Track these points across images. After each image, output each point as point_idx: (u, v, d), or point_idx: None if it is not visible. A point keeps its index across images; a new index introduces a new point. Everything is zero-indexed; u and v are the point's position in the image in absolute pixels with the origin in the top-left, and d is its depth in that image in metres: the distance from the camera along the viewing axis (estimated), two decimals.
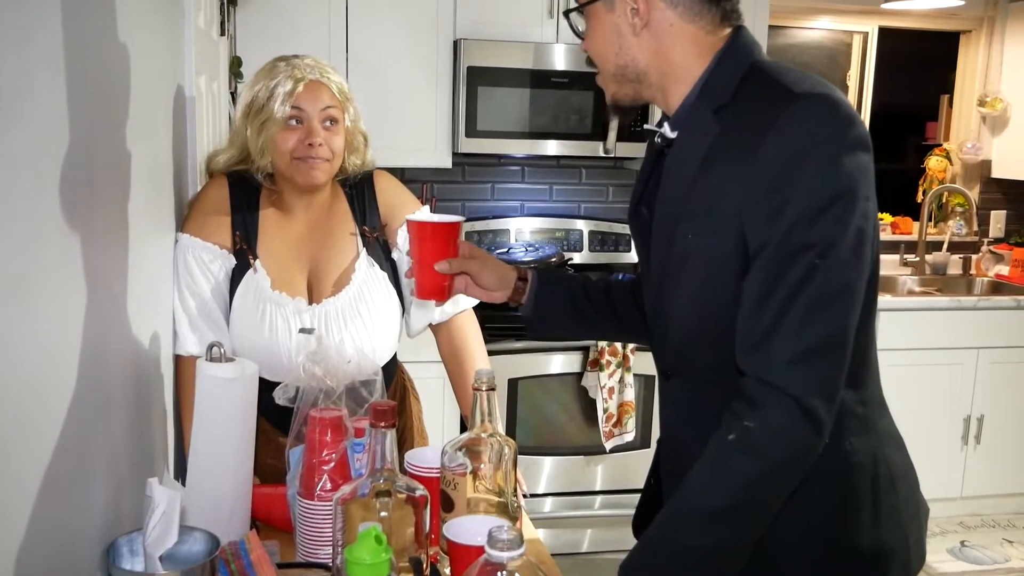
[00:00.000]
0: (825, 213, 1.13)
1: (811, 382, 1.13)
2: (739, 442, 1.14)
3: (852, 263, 1.15)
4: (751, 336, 1.16)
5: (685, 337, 1.32)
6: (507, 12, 3.58)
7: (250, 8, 3.31)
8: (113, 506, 1.22)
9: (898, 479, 1.31)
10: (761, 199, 1.16)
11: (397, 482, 1.23)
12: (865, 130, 1.19)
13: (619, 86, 1.34)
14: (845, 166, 1.15)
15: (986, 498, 4.11)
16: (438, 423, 3.18)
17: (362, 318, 1.78)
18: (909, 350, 3.89)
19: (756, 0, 3.79)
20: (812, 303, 1.13)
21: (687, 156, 1.27)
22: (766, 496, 1.17)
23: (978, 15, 4.49)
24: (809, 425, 1.13)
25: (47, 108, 0.95)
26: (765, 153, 1.15)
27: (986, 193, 4.68)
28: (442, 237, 1.42)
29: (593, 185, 4.21)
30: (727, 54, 1.27)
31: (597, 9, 1.30)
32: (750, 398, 1.15)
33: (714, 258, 1.23)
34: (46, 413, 0.96)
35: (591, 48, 1.35)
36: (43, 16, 0.93)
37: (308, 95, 1.71)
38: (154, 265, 1.57)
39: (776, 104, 1.17)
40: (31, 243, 0.89)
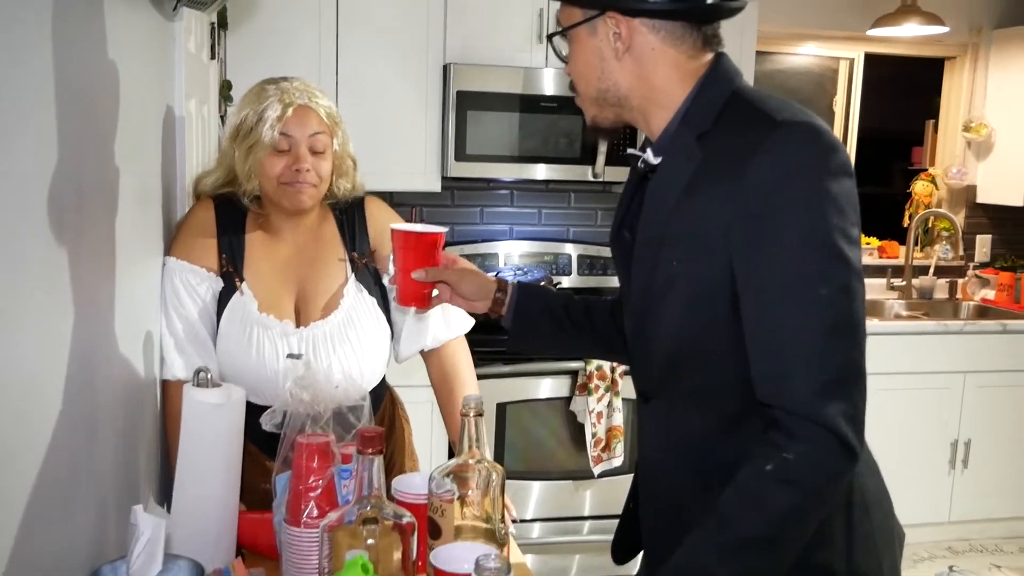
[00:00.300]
0: (822, 241, 1.14)
1: (841, 411, 1.13)
2: (777, 472, 1.13)
3: (855, 290, 1.15)
4: (771, 369, 1.16)
5: (668, 360, 1.32)
6: (497, 37, 3.60)
7: (241, 32, 3.32)
8: (97, 533, 1.21)
9: (872, 505, 1.31)
10: (748, 224, 1.16)
11: (384, 509, 1.23)
12: (847, 157, 1.20)
13: (600, 109, 1.35)
14: (832, 191, 1.15)
15: (974, 522, 4.11)
16: (426, 448, 3.17)
17: (351, 343, 1.77)
18: (896, 374, 3.90)
19: (743, 26, 3.82)
20: (827, 332, 1.13)
21: (670, 181, 1.27)
22: (800, 527, 1.17)
23: (962, 42, 4.54)
24: (844, 453, 1.13)
25: (35, 131, 0.95)
26: (750, 178, 1.16)
27: (971, 218, 4.72)
28: (423, 247, 1.48)
29: (582, 209, 4.23)
30: (709, 80, 1.28)
31: (580, 33, 1.31)
32: (786, 429, 1.14)
33: (699, 283, 1.23)
34: (31, 439, 0.95)
35: (574, 71, 1.35)
36: (33, 40, 0.94)
37: (296, 120, 1.71)
38: (142, 289, 1.56)
39: (759, 130, 1.18)
40: (17, 267, 0.89)
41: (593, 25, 1.29)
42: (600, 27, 1.28)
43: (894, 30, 4.08)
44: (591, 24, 1.29)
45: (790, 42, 4.49)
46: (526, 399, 3.51)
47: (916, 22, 4.01)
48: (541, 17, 3.60)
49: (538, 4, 3.60)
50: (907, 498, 3.95)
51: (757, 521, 1.14)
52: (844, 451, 1.13)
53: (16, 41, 0.88)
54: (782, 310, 1.15)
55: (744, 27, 3.83)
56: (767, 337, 1.16)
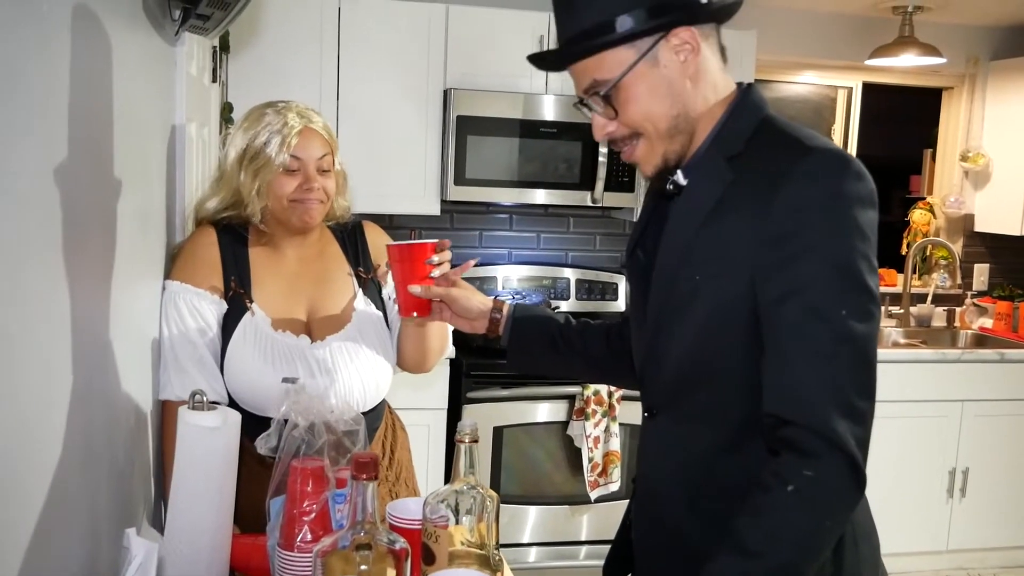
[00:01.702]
0: (847, 266, 1.16)
1: (853, 433, 1.14)
2: (800, 492, 1.14)
3: (873, 316, 1.18)
4: (790, 386, 1.16)
5: (679, 374, 1.33)
6: (497, 63, 3.63)
7: (243, 56, 3.35)
8: (90, 557, 1.21)
9: (861, 539, 1.31)
10: (775, 248, 1.18)
11: (378, 534, 1.22)
12: (873, 188, 1.21)
13: (670, 142, 1.30)
14: (859, 220, 1.17)
15: (972, 551, 4.09)
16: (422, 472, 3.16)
17: (364, 355, 1.82)
18: (894, 402, 3.90)
19: (742, 54, 3.85)
20: (847, 356, 1.15)
21: (698, 201, 1.28)
22: (820, 547, 1.17)
23: (960, 73, 4.57)
24: (856, 478, 1.15)
25: (36, 153, 0.96)
26: (780, 200, 1.18)
27: (969, 246, 4.73)
28: (415, 256, 1.60)
29: (581, 234, 4.24)
30: (741, 105, 1.30)
31: (639, 72, 1.25)
32: (800, 448, 1.14)
33: (721, 300, 1.24)
34: (26, 461, 0.95)
35: (637, 115, 1.28)
36: (35, 62, 0.94)
37: (305, 142, 1.76)
38: (140, 310, 1.57)
39: (790, 156, 1.20)
40: (15, 287, 0.90)
41: (654, 54, 1.25)
42: (662, 53, 1.25)
43: (892, 60, 4.11)
44: (651, 55, 1.25)
45: (789, 71, 4.52)
46: (523, 423, 3.51)
47: (914, 53, 4.04)
48: (541, 43, 3.63)
49: (539, 31, 3.63)
50: (905, 527, 3.97)
51: (784, 548, 1.14)
52: (855, 475, 1.14)
53: (18, 63, 0.89)
54: (805, 329, 1.16)
55: (743, 55, 3.86)
56: (788, 354, 1.17)
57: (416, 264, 1.60)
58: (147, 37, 1.62)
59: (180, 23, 1.78)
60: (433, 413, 3.48)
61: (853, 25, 4.35)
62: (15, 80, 0.88)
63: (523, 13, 3.63)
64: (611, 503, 3.54)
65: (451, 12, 3.62)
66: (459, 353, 3.48)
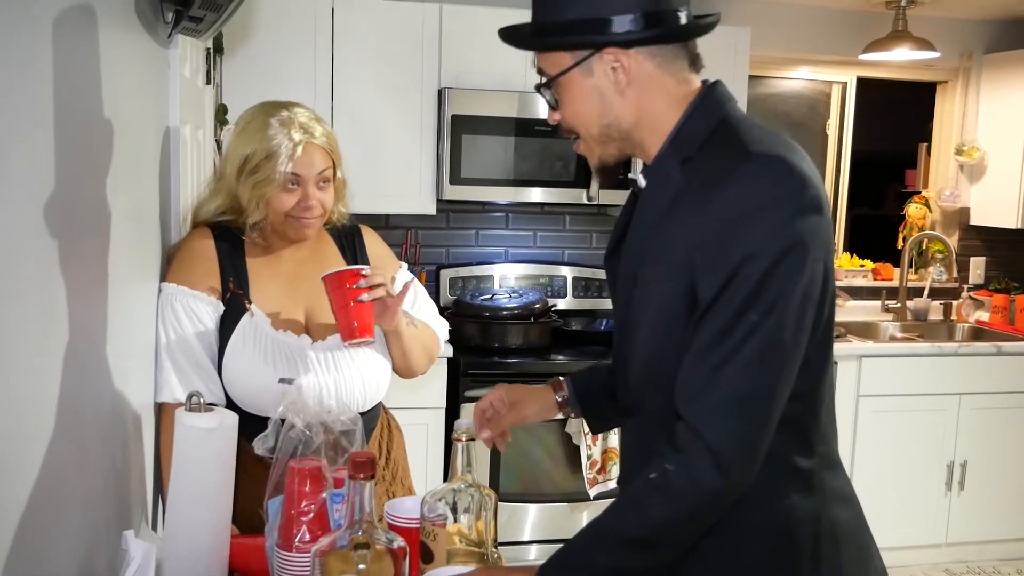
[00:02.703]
0: (771, 274, 1.15)
1: (729, 433, 1.17)
2: (658, 481, 1.20)
3: (791, 325, 1.17)
4: (689, 385, 1.20)
5: (639, 377, 1.34)
6: (491, 61, 3.62)
7: (236, 57, 3.34)
8: (88, 559, 1.21)
9: (843, 539, 1.30)
10: (709, 251, 1.18)
11: (376, 534, 1.23)
12: (819, 191, 1.21)
13: (604, 147, 1.34)
14: (794, 226, 1.16)
15: (971, 544, 4.10)
16: (421, 471, 3.16)
17: (365, 353, 1.83)
18: (891, 396, 3.91)
19: (736, 50, 3.86)
20: (747, 360, 1.16)
21: (652, 204, 1.30)
22: (675, 536, 1.22)
23: (953, 67, 4.58)
24: (719, 476, 1.17)
25: (29, 156, 0.96)
26: (716, 207, 1.18)
27: (965, 240, 4.74)
28: (342, 283, 1.69)
29: (577, 231, 4.24)
30: (699, 107, 1.29)
31: (572, 77, 1.29)
32: (675, 442, 1.19)
33: (665, 304, 1.25)
34: (21, 463, 0.95)
35: (571, 116, 1.34)
36: (27, 66, 0.95)
37: (306, 159, 1.75)
38: (135, 313, 1.57)
39: (731, 161, 1.20)
40: (9, 290, 0.90)
41: (588, 65, 1.28)
42: (596, 65, 1.28)
43: (886, 55, 4.11)
44: (585, 65, 1.28)
45: (783, 66, 4.52)
46: None
47: (907, 47, 4.05)
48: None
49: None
50: (903, 521, 3.98)
51: (635, 524, 1.21)
52: (719, 472, 1.16)
53: (10, 66, 0.89)
54: (713, 329, 1.17)
55: (737, 51, 3.86)
56: (697, 354, 1.19)
57: (347, 286, 1.68)
58: (140, 40, 1.62)
59: (173, 25, 1.78)
60: (431, 412, 3.49)
61: (847, 20, 4.35)
62: (7, 83, 0.88)
63: (517, 11, 3.62)
64: (610, 500, 3.53)
65: (444, 11, 3.62)
66: (457, 352, 3.49)
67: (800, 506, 1.26)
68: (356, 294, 1.68)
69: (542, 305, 3.78)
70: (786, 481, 1.26)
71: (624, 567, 1.22)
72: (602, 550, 1.23)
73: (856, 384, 3.87)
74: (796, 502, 1.26)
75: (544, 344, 3.71)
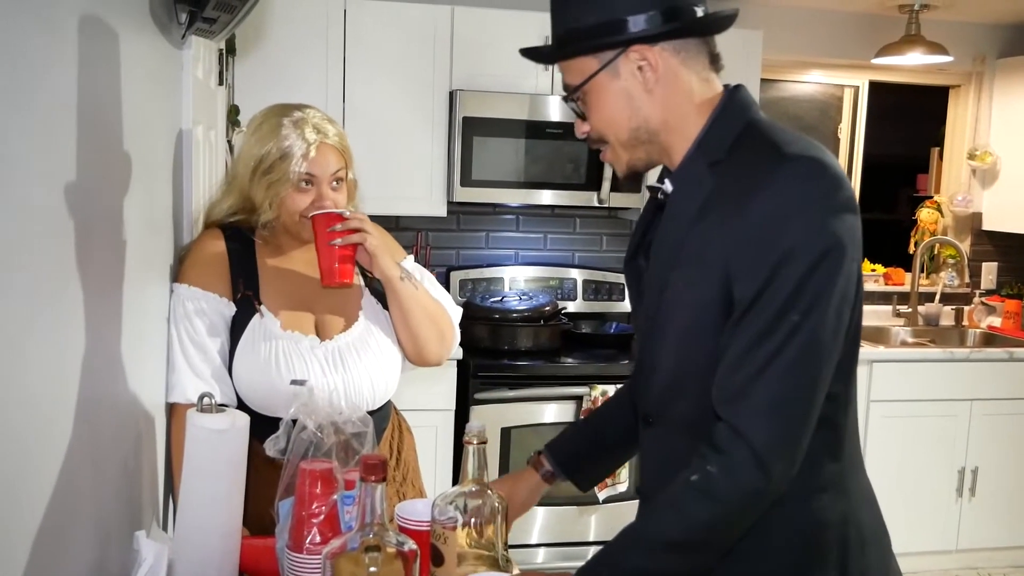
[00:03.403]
0: (811, 274, 1.15)
1: (772, 434, 1.17)
2: (700, 483, 1.19)
3: (831, 325, 1.18)
4: (730, 387, 1.20)
5: (667, 383, 1.34)
6: (502, 64, 3.62)
7: (249, 58, 3.35)
8: (100, 559, 1.21)
9: (869, 542, 1.31)
10: (747, 254, 1.18)
11: (387, 536, 1.23)
12: (852, 192, 1.21)
13: (633, 151, 1.34)
14: (831, 226, 1.17)
15: (982, 551, 4.08)
16: (430, 473, 3.16)
17: (372, 351, 1.83)
18: (902, 401, 3.89)
19: (748, 53, 3.85)
20: (790, 362, 1.16)
21: (683, 208, 1.29)
22: (716, 538, 1.22)
23: (966, 71, 4.56)
24: (762, 476, 1.17)
25: (44, 156, 0.96)
26: (753, 210, 1.18)
27: (977, 245, 4.72)
28: (320, 224, 1.74)
29: (587, 234, 4.24)
30: (725, 110, 1.30)
31: (599, 81, 1.29)
32: (717, 444, 1.19)
33: (699, 307, 1.25)
34: (36, 464, 0.96)
35: (600, 122, 1.33)
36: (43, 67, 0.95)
37: (320, 159, 1.76)
38: (148, 313, 1.57)
39: (766, 163, 1.20)
40: (25, 292, 0.90)
41: (614, 67, 1.28)
42: (622, 66, 1.28)
43: (898, 59, 4.10)
44: (611, 67, 1.28)
45: (795, 70, 4.51)
46: (531, 424, 3.50)
47: (920, 51, 4.03)
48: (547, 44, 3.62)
49: (544, 31, 3.61)
50: (914, 526, 3.96)
51: (677, 526, 1.21)
52: (762, 473, 1.17)
53: (27, 68, 0.90)
54: (753, 331, 1.17)
55: (749, 55, 3.85)
56: (737, 355, 1.19)
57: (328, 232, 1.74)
58: (153, 41, 1.62)
59: (186, 26, 1.78)
60: (441, 414, 3.49)
61: (859, 24, 4.34)
62: (23, 84, 0.89)
63: (529, 14, 3.63)
64: (619, 504, 3.54)
65: (456, 13, 3.62)
66: (466, 354, 3.49)
67: (829, 507, 1.27)
68: (334, 236, 1.73)
69: (552, 308, 3.77)
70: (816, 482, 1.26)
71: (657, 570, 1.22)
72: (639, 554, 1.23)
73: (867, 389, 3.85)
74: (825, 503, 1.27)
75: (554, 347, 3.71)
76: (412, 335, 1.87)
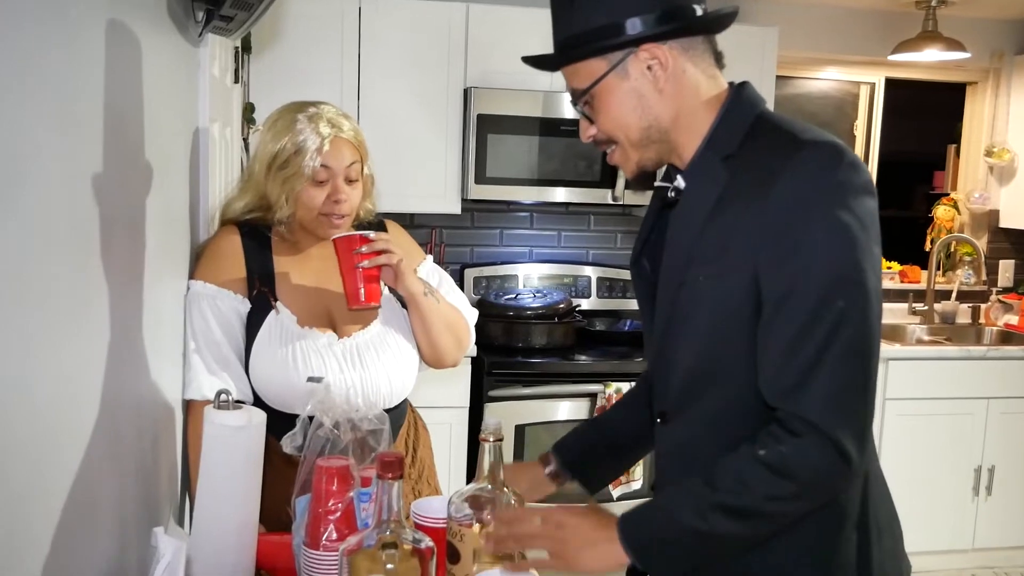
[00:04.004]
0: (845, 259, 1.17)
1: (846, 422, 1.17)
2: (770, 459, 1.18)
3: (875, 306, 1.19)
4: (786, 378, 1.19)
5: (689, 379, 1.33)
6: (516, 61, 3.59)
7: (264, 56, 3.36)
8: (118, 555, 1.22)
9: (884, 532, 1.33)
10: (775, 242, 1.19)
11: (404, 533, 1.23)
12: (870, 175, 1.22)
13: (644, 151, 1.34)
14: (856, 210, 1.18)
15: (998, 550, 4.05)
16: (444, 470, 3.16)
17: (390, 349, 1.84)
18: (918, 399, 3.87)
19: (764, 50, 3.83)
20: (846, 348, 1.17)
21: (697, 203, 1.29)
22: (778, 512, 1.21)
23: (984, 67, 4.53)
24: (843, 462, 1.18)
25: (63, 153, 0.97)
26: (776, 196, 1.18)
27: (994, 243, 4.68)
28: (344, 247, 1.74)
29: (601, 232, 4.23)
30: (733, 105, 1.31)
31: (608, 83, 1.29)
32: (790, 428, 1.18)
33: (725, 300, 1.25)
34: (56, 461, 0.96)
35: (610, 124, 1.33)
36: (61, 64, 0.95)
37: (334, 152, 1.76)
38: (165, 311, 1.58)
39: (785, 150, 1.21)
40: (46, 289, 0.90)
41: (623, 68, 1.28)
42: (631, 66, 1.28)
43: (915, 55, 4.07)
44: (620, 68, 1.28)
45: (811, 67, 4.49)
46: (545, 421, 3.50)
47: (937, 48, 4.00)
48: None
49: None
50: (930, 525, 3.94)
51: (735, 493, 1.20)
52: (842, 460, 1.17)
53: (48, 67, 0.90)
54: (799, 320, 1.17)
55: (765, 51, 3.84)
56: (788, 345, 1.19)
57: (353, 255, 1.73)
58: (171, 39, 1.63)
59: (204, 24, 1.79)
60: (455, 411, 3.49)
61: (876, 20, 4.31)
62: (44, 83, 0.89)
63: (543, 11, 3.60)
64: (634, 501, 3.53)
65: (471, 11, 3.62)
66: (481, 352, 3.49)
67: (853, 499, 1.28)
68: (360, 259, 1.73)
69: (566, 305, 3.77)
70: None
71: (712, 532, 1.21)
72: (693, 511, 1.21)
73: (883, 387, 3.83)
74: (851, 496, 1.28)
75: (568, 344, 3.71)
76: (431, 344, 1.89)
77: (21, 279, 0.83)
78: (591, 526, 1.32)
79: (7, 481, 0.80)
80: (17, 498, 0.83)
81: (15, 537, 0.83)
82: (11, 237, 0.80)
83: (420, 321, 1.86)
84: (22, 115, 0.83)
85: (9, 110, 0.79)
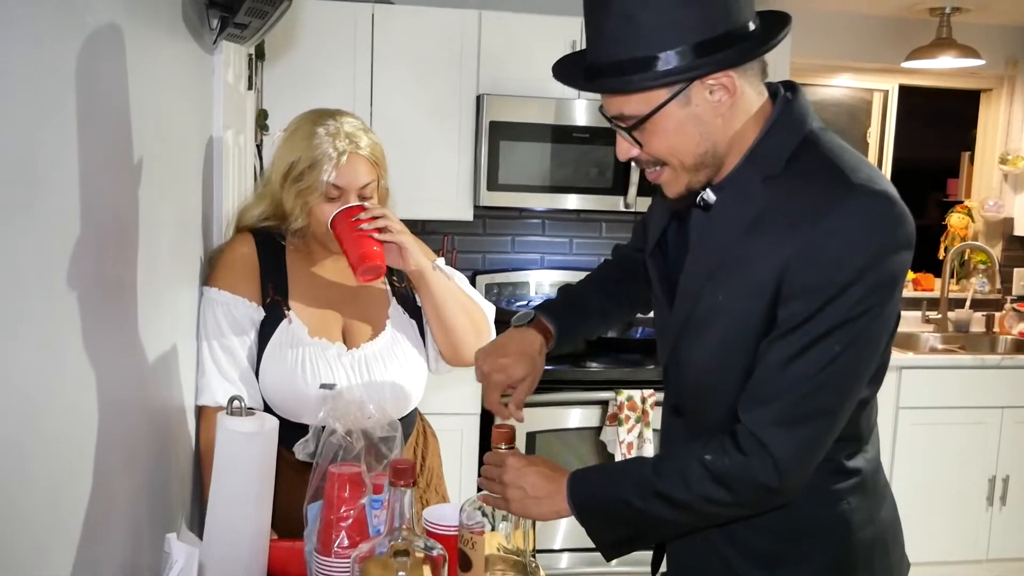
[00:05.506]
0: (862, 309, 1.17)
1: (793, 446, 1.21)
2: (713, 467, 1.23)
3: (868, 356, 1.22)
4: (758, 396, 1.23)
5: (698, 387, 1.36)
6: (529, 68, 3.62)
7: (278, 63, 3.37)
8: (132, 560, 1.22)
9: (891, 541, 1.36)
10: (805, 276, 1.18)
11: (416, 541, 1.23)
12: (913, 226, 1.21)
13: (696, 174, 1.27)
14: (891, 265, 1.18)
15: (1013, 560, 4.02)
16: (455, 478, 3.16)
17: (399, 361, 1.83)
18: (932, 408, 3.85)
19: (777, 58, 3.81)
20: (822, 383, 1.19)
21: (730, 219, 1.26)
22: (711, 512, 1.27)
23: (998, 74, 4.51)
24: (779, 483, 1.21)
25: (79, 160, 0.97)
26: (815, 238, 1.16)
27: (1009, 251, 4.66)
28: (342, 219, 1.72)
29: (613, 239, 4.22)
30: (780, 121, 1.25)
31: (668, 110, 1.20)
32: (739, 443, 1.22)
33: (740, 322, 1.25)
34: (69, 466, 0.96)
35: (663, 150, 1.24)
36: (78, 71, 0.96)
37: (349, 170, 1.74)
38: (179, 317, 1.58)
39: (832, 190, 1.18)
40: (60, 295, 0.91)
41: (686, 95, 1.20)
42: (695, 93, 1.20)
43: (929, 63, 4.06)
44: (682, 96, 1.20)
45: (824, 74, 4.48)
46: (556, 428, 3.50)
47: (951, 55, 3.99)
48: (574, 48, 3.62)
49: (571, 35, 3.63)
50: (944, 535, 3.91)
51: (678, 490, 1.25)
52: (779, 480, 1.21)
53: (64, 73, 0.91)
54: (792, 350, 1.19)
55: (778, 58, 3.82)
56: (774, 368, 1.21)
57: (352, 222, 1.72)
58: (186, 46, 1.63)
59: (218, 32, 1.80)
60: (465, 418, 3.48)
61: (889, 27, 4.30)
62: (60, 89, 0.89)
63: (556, 18, 3.63)
64: None
65: (484, 18, 3.62)
66: None
67: (857, 508, 1.31)
68: (359, 223, 1.71)
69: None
70: (842, 484, 1.30)
71: (643, 509, 1.28)
72: (633, 490, 1.29)
73: (896, 396, 3.81)
74: (854, 504, 1.31)
75: (579, 351, 3.70)
76: (447, 329, 1.84)
77: (37, 283, 0.83)
78: (544, 478, 1.36)
79: (20, 487, 0.80)
80: (30, 504, 0.83)
81: (29, 543, 0.83)
82: (28, 241, 0.81)
83: (431, 301, 1.82)
84: (39, 121, 0.83)
85: (27, 116, 0.80)
